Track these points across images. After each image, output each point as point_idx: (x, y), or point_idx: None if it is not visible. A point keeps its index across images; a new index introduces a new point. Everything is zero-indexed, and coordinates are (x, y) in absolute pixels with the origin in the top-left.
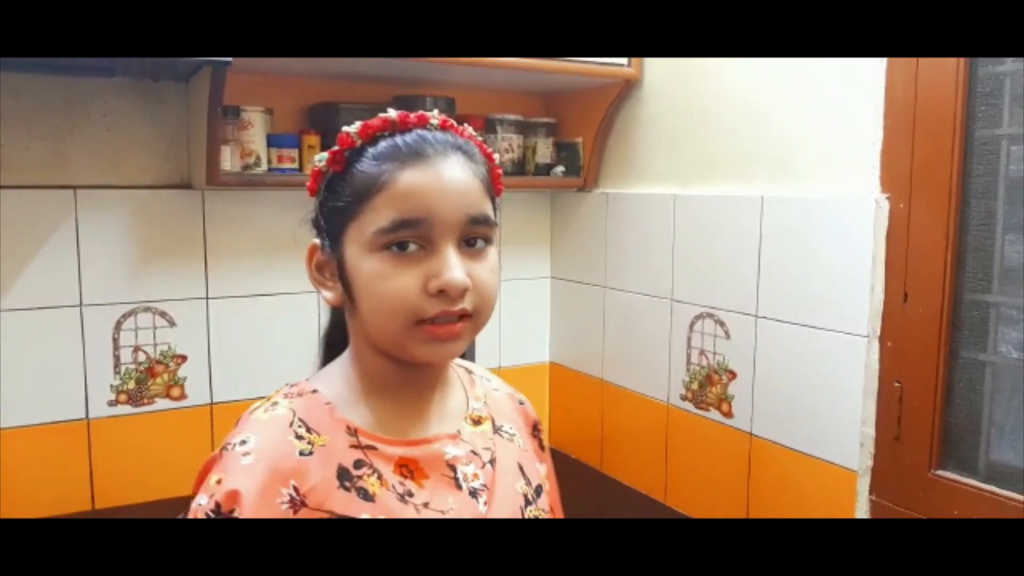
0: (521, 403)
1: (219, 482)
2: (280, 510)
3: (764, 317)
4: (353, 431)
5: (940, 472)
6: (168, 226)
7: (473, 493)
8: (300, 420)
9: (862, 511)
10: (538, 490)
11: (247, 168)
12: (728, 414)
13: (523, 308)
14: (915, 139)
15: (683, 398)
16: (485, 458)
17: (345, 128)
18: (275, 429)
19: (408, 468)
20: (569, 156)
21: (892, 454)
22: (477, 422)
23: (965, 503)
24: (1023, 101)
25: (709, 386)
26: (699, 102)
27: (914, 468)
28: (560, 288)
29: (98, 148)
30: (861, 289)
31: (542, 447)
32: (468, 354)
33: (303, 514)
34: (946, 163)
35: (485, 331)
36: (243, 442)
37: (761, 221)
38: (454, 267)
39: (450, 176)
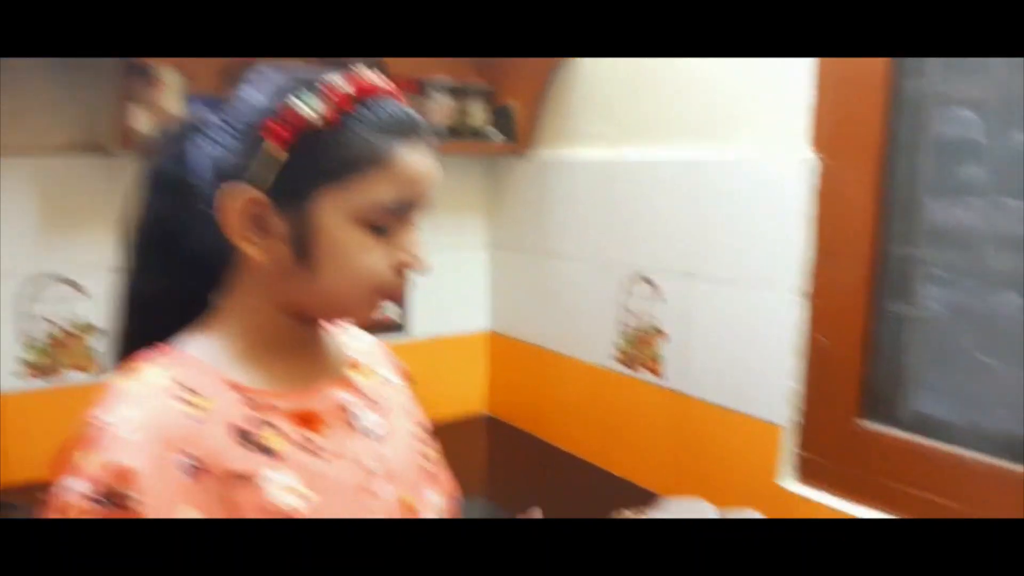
0: (386, 351)
1: (98, 462)
2: (179, 480)
3: (696, 277)
4: (240, 389)
5: (864, 424)
6: (79, 192)
7: (373, 437)
8: (180, 384)
9: (787, 465)
10: (425, 430)
11: None
12: (659, 374)
13: (459, 277)
14: (844, 97)
15: (617, 361)
16: (376, 401)
17: (337, 80)
18: (155, 397)
19: (306, 418)
20: (504, 121)
21: (818, 408)
22: (358, 369)
23: (888, 454)
24: (951, 60)
25: (642, 347)
26: (633, 65)
27: (839, 421)
28: (500, 257)
29: (2, 112)
30: (790, 247)
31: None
32: (403, 323)
33: (205, 481)
34: (874, 121)
35: (421, 300)
36: (118, 415)
37: (695, 183)
38: (421, 247)
39: (433, 161)
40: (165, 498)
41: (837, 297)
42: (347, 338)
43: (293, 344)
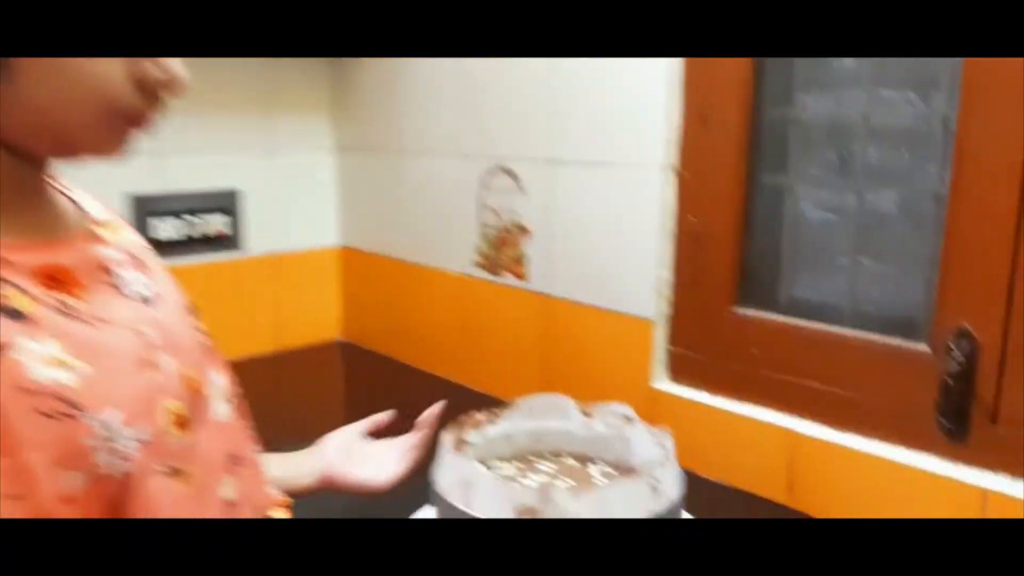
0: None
1: None
2: None
3: (559, 163)
4: None
5: (740, 310)
6: None
7: (144, 300)
8: None
9: (659, 363)
10: (190, 304)
11: None
12: (524, 277)
13: (302, 184)
14: None
15: (479, 267)
16: (138, 258)
17: None
18: None
19: (55, 278)
20: None
21: (690, 298)
22: (103, 225)
23: (765, 338)
24: None
25: (504, 249)
26: None
27: (713, 309)
28: (348, 160)
29: None
30: (657, 116)
31: None
32: (235, 238)
33: None
34: None
35: (257, 211)
36: None
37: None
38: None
39: None
40: None
41: (709, 171)
42: (76, 195)
43: (13, 188)
